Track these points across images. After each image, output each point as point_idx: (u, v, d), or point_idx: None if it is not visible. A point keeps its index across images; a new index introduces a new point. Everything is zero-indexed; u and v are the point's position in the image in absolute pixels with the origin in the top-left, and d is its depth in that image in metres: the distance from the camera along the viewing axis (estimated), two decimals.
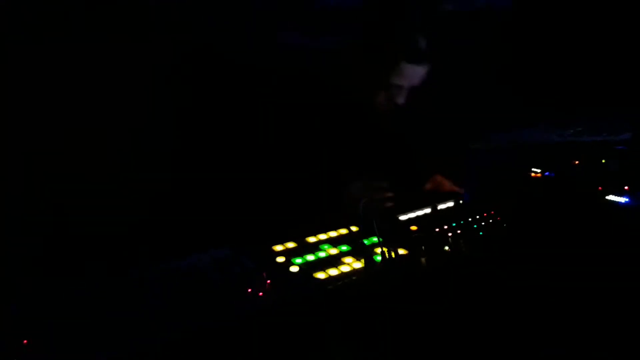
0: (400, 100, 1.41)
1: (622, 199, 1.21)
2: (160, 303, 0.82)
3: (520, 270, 1.00)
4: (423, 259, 0.99)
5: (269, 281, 0.88)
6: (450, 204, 1.26)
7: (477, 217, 1.16)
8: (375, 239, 1.03)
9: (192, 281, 0.89)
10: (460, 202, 1.24)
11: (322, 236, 1.07)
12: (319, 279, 0.91)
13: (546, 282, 0.98)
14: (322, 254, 1.00)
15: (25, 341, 0.73)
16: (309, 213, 1.13)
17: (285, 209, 1.18)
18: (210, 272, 0.92)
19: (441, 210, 1.22)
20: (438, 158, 1.47)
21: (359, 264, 0.96)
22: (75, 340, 0.73)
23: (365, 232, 1.06)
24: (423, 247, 1.01)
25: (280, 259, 0.97)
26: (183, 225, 1.33)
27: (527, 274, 1.00)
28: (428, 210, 1.20)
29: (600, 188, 1.26)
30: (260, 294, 0.85)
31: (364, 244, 1.02)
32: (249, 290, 0.85)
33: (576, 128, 1.56)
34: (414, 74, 1.38)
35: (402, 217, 1.16)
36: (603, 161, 1.36)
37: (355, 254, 1.00)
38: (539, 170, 1.36)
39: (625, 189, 1.24)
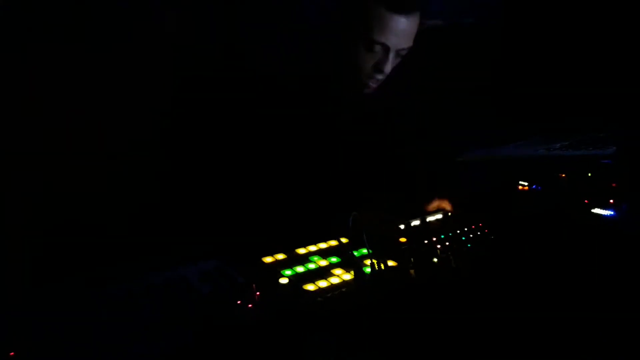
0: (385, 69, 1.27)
1: (608, 212, 1.23)
2: (148, 315, 0.81)
3: (507, 282, 1.01)
4: (412, 271, 1.00)
5: (258, 293, 0.88)
6: (439, 216, 1.27)
7: (465, 229, 1.17)
8: (364, 251, 1.03)
9: (180, 293, 0.88)
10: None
11: (312, 247, 1.08)
12: (308, 291, 0.91)
13: (533, 294, 0.99)
14: (311, 266, 1.00)
15: (12, 353, 0.72)
16: (298, 225, 1.13)
17: (275, 220, 1.18)
18: (199, 284, 0.91)
19: (430, 222, 1.23)
20: (425, 172, 1.47)
21: (348, 276, 0.96)
22: (62, 353, 0.73)
23: (354, 244, 1.07)
24: (412, 259, 1.01)
25: (270, 271, 0.98)
26: (172, 238, 1.33)
27: (514, 286, 1.00)
28: (417, 222, 1.21)
29: (586, 201, 1.28)
30: (250, 305, 0.85)
31: (354, 255, 1.02)
32: (238, 302, 0.85)
33: (563, 142, 1.58)
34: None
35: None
36: (589, 175, 1.38)
37: (345, 265, 1.00)
38: (526, 184, 1.38)
39: (610, 202, 1.27)
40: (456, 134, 1.64)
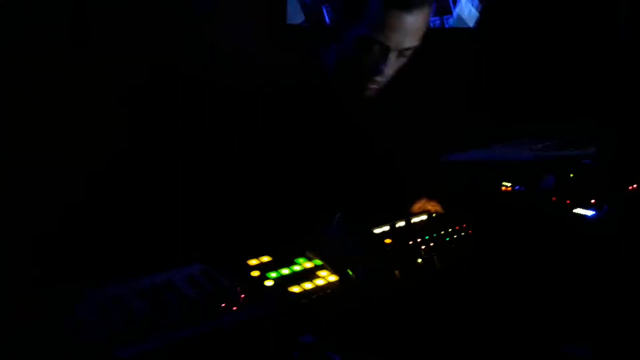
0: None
1: (589, 212, 1.25)
2: (131, 319, 0.81)
3: (491, 282, 1.02)
4: (397, 272, 1.01)
5: (243, 295, 0.87)
6: (424, 216, 1.28)
7: (450, 230, 1.17)
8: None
9: (164, 296, 0.87)
10: None
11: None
12: (293, 293, 0.91)
13: (518, 295, 1.00)
14: (297, 268, 1.00)
15: None
16: (284, 227, 1.13)
17: (261, 222, 1.18)
18: (183, 287, 0.91)
19: (414, 223, 1.24)
20: (409, 173, 1.47)
21: (334, 277, 0.96)
22: (47, 357, 0.72)
23: (339, 246, 1.07)
24: (396, 260, 1.02)
25: (255, 273, 0.97)
26: (155, 241, 1.32)
27: (498, 286, 1.01)
28: (402, 223, 1.21)
29: (568, 201, 1.30)
30: (234, 308, 0.84)
31: (339, 257, 1.02)
32: (223, 305, 0.85)
33: (544, 143, 1.60)
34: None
35: (377, 230, 1.17)
36: (571, 175, 1.40)
37: (330, 267, 1.00)
38: (509, 184, 1.39)
39: (592, 202, 1.28)
40: (440, 135, 1.65)
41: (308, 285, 0.94)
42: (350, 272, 0.96)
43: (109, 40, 1.43)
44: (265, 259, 1.03)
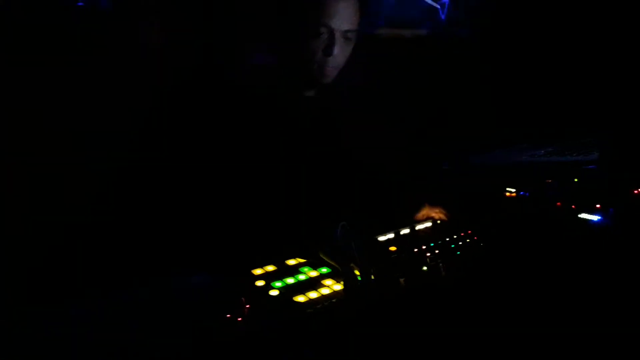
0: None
1: (595, 217, 1.24)
2: (137, 329, 0.80)
3: (497, 289, 1.01)
4: (402, 280, 1.00)
5: (248, 306, 0.87)
6: (428, 224, 1.27)
7: (455, 237, 1.17)
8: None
9: (169, 307, 0.87)
10: None
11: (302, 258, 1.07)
12: (298, 303, 0.90)
13: (523, 302, 0.99)
14: (302, 277, 0.99)
15: None
16: (288, 236, 1.12)
17: (265, 232, 1.17)
18: (188, 297, 0.90)
19: (419, 230, 1.23)
20: (413, 180, 1.47)
21: (339, 286, 0.96)
22: None
23: (344, 254, 1.06)
24: (402, 268, 1.01)
25: (260, 283, 0.97)
26: (161, 250, 1.31)
27: (504, 294, 1.01)
28: (406, 231, 1.21)
29: (573, 206, 1.29)
30: (239, 319, 0.84)
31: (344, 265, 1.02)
32: (228, 315, 0.84)
33: (547, 149, 1.60)
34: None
35: (381, 238, 1.17)
36: (575, 180, 1.39)
37: (335, 276, 1.00)
38: (513, 190, 1.39)
39: (597, 207, 1.28)
40: (443, 141, 1.65)
41: (313, 295, 0.93)
42: (357, 280, 0.95)
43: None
44: (270, 268, 1.03)
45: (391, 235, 1.17)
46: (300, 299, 0.91)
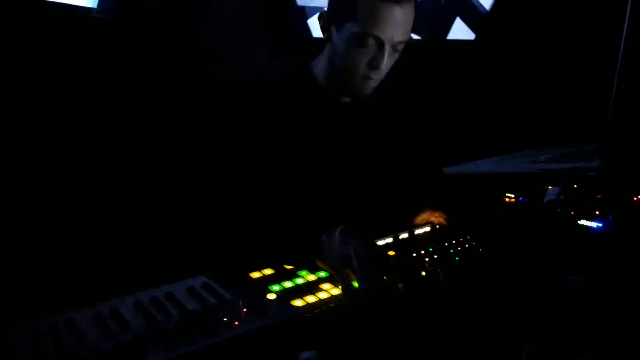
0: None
1: (594, 224, 1.24)
2: (134, 333, 0.80)
3: (496, 294, 1.01)
4: (400, 285, 1.00)
5: (245, 310, 0.86)
6: (427, 229, 1.27)
7: (453, 242, 1.17)
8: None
9: (166, 310, 0.87)
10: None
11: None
12: (296, 307, 0.90)
13: (522, 307, 0.99)
14: (299, 281, 0.99)
15: None
16: (287, 240, 1.12)
17: (264, 235, 1.17)
18: (185, 301, 0.90)
19: (417, 235, 1.23)
20: (412, 184, 1.47)
21: (337, 291, 0.95)
22: None
23: (342, 259, 1.06)
24: (400, 273, 1.01)
25: (258, 287, 0.96)
26: (158, 253, 1.31)
27: (503, 298, 1.00)
28: (405, 235, 1.21)
29: (572, 213, 1.29)
30: (237, 323, 0.84)
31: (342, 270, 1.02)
32: (225, 319, 0.84)
33: (547, 155, 1.60)
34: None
35: (380, 242, 1.16)
36: (575, 186, 1.39)
37: (333, 280, 0.99)
38: (512, 195, 1.39)
39: (597, 214, 1.28)
40: (443, 147, 1.65)
41: (311, 299, 0.93)
42: (354, 285, 0.95)
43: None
44: (268, 271, 1.03)
45: (390, 240, 1.17)
46: (298, 303, 0.91)
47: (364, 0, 1.13)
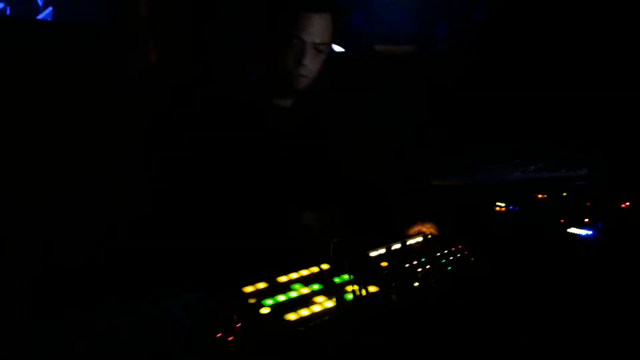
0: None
1: (584, 232, 1.26)
2: (129, 349, 0.80)
3: (488, 304, 1.02)
4: (394, 296, 1.00)
5: (239, 324, 0.86)
6: (419, 239, 1.28)
7: (446, 252, 1.17)
8: (346, 277, 1.03)
9: (159, 326, 0.86)
10: None
11: (294, 275, 1.07)
12: (289, 321, 0.90)
13: (515, 316, 0.99)
14: (293, 294, 0.99)
15: None
16: (279, 253, 1.12)
17: (255, 249, 1.17)
18: (178, 316, 0.90)
19: (410, 245, 1.24)
20: (402, 196, 1.47)
21: (330, 303, 0.96)
22: None
23: (336, 270, 1.06)
24: (393, 284, 1.01)
25: (251, 301, 0.96)
26: (151, 269, 1.31)
27: (496, 308, 1.01)
28: (398, 246, 1.21)
29: (562, 221, 1.30)
30: (230, 338, 0.83)
31: (335, 282, 1.02)
32: (218, 334, 0.83)
33: (537, 164, 1.61)
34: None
35: (373, 253, 1.17)
36: (564, 194, 1.41)
37: (327, 292, 0.99)
38: (503, 205, 1.40)
39: (586, 222, 1.29)
40: (433, 157, 1.66)
41: (304, 312, 0.93)
42: (348, 297, 0.96)
43: None
44: (261, 285, 1.03)
45: (382, 251, 1.18)
46: (292, 316, 0.91)
47: (290, 5, 1.32)
